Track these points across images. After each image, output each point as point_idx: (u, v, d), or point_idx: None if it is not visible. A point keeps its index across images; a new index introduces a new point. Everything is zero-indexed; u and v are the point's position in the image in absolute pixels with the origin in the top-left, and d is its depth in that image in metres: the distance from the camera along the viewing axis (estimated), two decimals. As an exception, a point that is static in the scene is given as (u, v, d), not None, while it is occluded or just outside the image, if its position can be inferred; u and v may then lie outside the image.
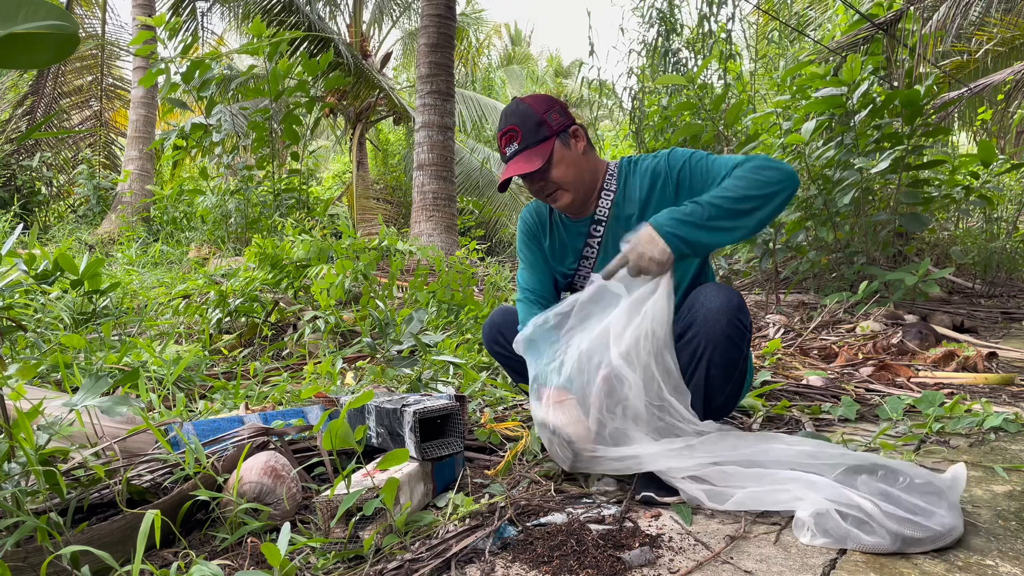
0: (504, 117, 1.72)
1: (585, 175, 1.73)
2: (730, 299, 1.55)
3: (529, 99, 1.72)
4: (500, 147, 1.73)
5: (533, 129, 1.66)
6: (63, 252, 3.07)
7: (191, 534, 1.34)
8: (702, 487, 1.42)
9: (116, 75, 13.13)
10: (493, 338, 1.91)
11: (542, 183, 1.70)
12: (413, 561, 1.19)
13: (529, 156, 1.65)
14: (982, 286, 6.04)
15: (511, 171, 1.66)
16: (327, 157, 18.14)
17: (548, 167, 1.67)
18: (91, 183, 10.69)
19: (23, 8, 0.78)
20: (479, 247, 6.86)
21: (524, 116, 1.67)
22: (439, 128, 6.69)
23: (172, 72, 6.16)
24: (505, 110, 1.73)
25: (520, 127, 1.66)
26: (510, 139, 1.68)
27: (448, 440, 1.58)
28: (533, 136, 1.66)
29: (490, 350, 1.95)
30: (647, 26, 7.72)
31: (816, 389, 2.55)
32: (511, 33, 23.45)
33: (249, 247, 4.45)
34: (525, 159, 1.65)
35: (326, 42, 9.97)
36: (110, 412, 1.17)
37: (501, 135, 1.70)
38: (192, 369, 2.62)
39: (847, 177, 4.72)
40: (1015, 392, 2.60)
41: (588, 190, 1.75)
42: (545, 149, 1.66)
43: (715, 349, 1.52)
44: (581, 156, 1.72)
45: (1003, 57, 7.42)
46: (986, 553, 1.21)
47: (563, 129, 1.69)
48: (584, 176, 1.72)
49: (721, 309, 1.53)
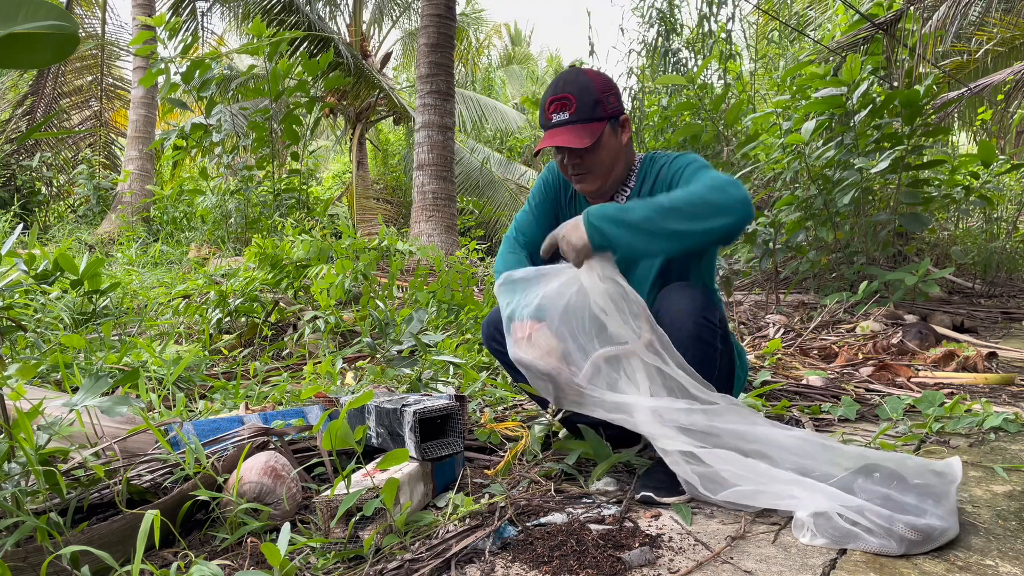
0: (560, 82, 1.63)
1: (619, 167, 1.71)
2: (694, 299, 1.53)
3: (591, 73, 1.65)
4: (546, 111, 1.64)
5: (590, 105, 1.60)
6: (63, 252, 3.07)
7: (191, 534, 1.34)
8: (697, 469, 1.39)
9: (116, 75, 13.14)
10: (491, 335, 1.90)
11: (578, 161, 1.65)
12: (413, 561, 1.19)
13: (579, 131, 1.60)
14: (982, 286, 6.04)
15: (558, 140, 1.59)
16: (327, 157, 18.14)
17: (595, 148, 1.63)
18: (91, 183, 10.69)
19: (23, 8, 0.78)
20: (479, 247, 6.87)
21: (583, 89, 1.61)
22: (439, 128, 6.69)
23: (172, 72, 6.16)
24: (563, 75, 1.65)
25: (576, 98, 1.60)
26: (562, 106, 1.61)
27: (448, 440, 1.58)
28: (588, 112, 1.60)
29: (489, 348, 1.94)
30: (647, 26, 7.73)
31: (816, 389, 2.55)
32: (511, 33, 23.44)
33: (249, 247, 4.45)
34: (575, 133, 1.59)
35: (326, 42, 9.97)
36: (110, 412, 1.17)
37: (553, 99, 1.62)
38: (192, 369, 2.62)
39: (847, 177, 4.72)
40: (1015, 392, 2.60)
41: (615, 182, 1.73)
42: (596, 129, 1.61)
43: (687, 351, 1.50)
44: (622, 147, 1.69)
45: (1003, 57, 7.42)
46: (986, 553, 1.21)
47: (616, 115, 1.65)
48: (618, 168, 1.70)
49: (685, 311, 1.52)
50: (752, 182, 6.15)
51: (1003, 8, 7.41)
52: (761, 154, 5.75)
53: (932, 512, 1.24)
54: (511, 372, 1.95)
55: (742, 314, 4.45)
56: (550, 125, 1.64)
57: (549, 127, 1.64)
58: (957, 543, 1.25)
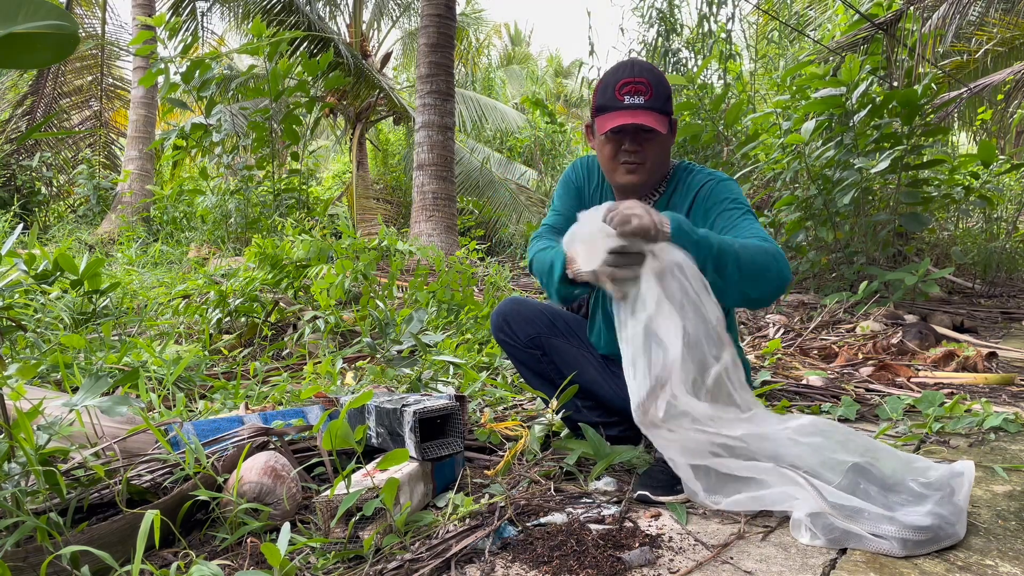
0: (635, 67, 1.61)
1: (664, 166, 1.71)
2: None
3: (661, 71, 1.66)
4: (617, 92, 1.59)
5: (664, 97, 1.61)
6: (63, 252, 3.07)
7: (191, 534, 1.34)
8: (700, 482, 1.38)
9: (116, 75, 13.13)
10: (500, 327, 1.90)
11: (639, 148, 1.62)
12: (413, 561, 1.19)
13: (656, 117, 1.57)
14: (982, 286, 6.04)
15: (640, 119, 1.55)
16: (327, 157, 18.13)
17: (662, 139, 1.63)
18: (91, 183, 10.69)
19: (23, 8, 0.78)
20: (479, 247, 6.86)
21: (660, 81, 1.61)
22: (439, 128, 6.69)
23: (172, 72, 6.16)
24: (634, 62, 1.63)
25: (654, 86, 1.59)
26: (637, 90, 1.58)
27: (448, 440, 1.58)
28: (662, 102, 1.60)
29: (497, 339, 1.93)
30: (647, 26, 7.72)
31: (816, 389, 2.55)
32: (511, 33, 23.44)
33: (249, 247, 4.45)
34: (653, 117, 1.57)
35: (326, 42, 9.97)
36: (110, 412, 1.17)
37: (627, 81, 1.58)
38: (192, 369, 2.62)
39: (847, 177, 4.72)
40: (1015, 392, 2.60)
41: (654, 182, 1.72)
42: (665, 121, 1.61)
43: None
44: (669, 150, 1.71)
45: (1003, 57, 7.43)
46: (986, 553, 1.21)
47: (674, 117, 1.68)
48: (663, 167, 1.71)
49: None
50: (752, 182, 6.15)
51: (1003, 8, 7.41)
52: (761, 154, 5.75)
53: (937, 513, 1.24)
54: (517, 364, 1.94)
55: (742, 314, 4.45)
56: (621, 106, 1.58)
57: (619, 108, 1.59)
58: (957, 543, 1.25)
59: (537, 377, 1.89)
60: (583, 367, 1.81)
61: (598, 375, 1.81)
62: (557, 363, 1.84)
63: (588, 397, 1.84)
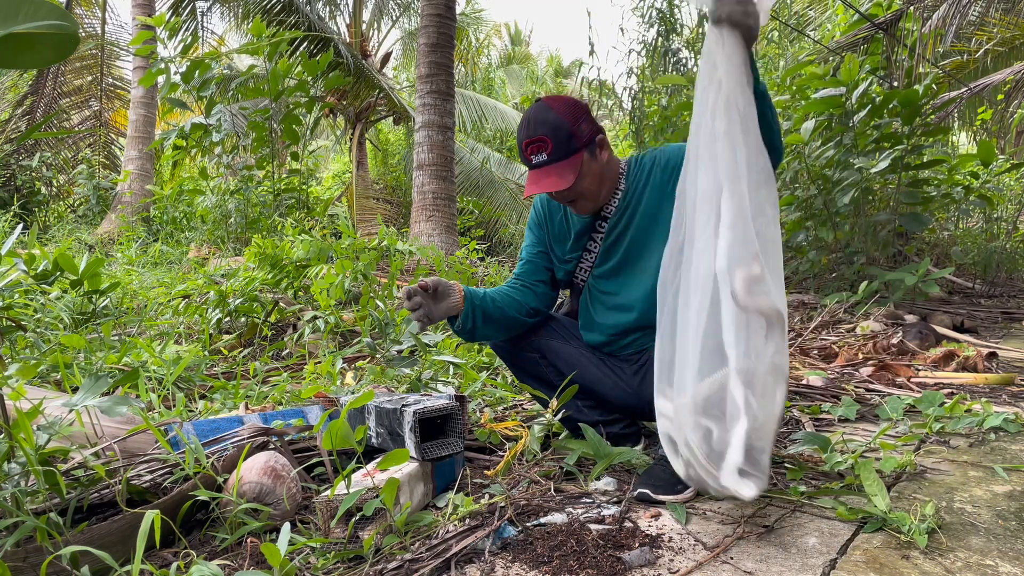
0: (532, 123, 1.65)
1: (606, 184, 1.74)
2: None
3: (557, 106, 1.65)
4: (524, 152, 1.67)
5: (564, 142, 1.62)
6: (63, 252, 3.07)
7: (191, 534, 1.34)
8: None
9: (116, 75, 13.14)
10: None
11: (568, 200, 1.72)
12: (413, 561, 1.19)
13: (561, 170, 1.62)
14: (982, 286, 6.05)
15: (544, 187, 1.62)
16: (327, 157, 18.14)
17: (579, 181, 1.66)
18: (91, 183, 10.69)
19: (23, 8, 0.78)
20: (479, 247, 6.86)
21: (555, 128, 1.62)
22: (439, 128, 6.69)
23: (172, 72, 6.16)
24: (533, 116, 1.65)
25: (551, 139, 1.62)
26: (539, 149, 1.64)
27: (448, 440, 1.58)
28: (564, 150, 1.63)
29: (493, 346, 1.95)
30: (647, 26, 7.71)
31: (816, 389, 2.55)
32: (511, 33, 23.43)
33: (249, 247, 4.45)
34: (557, 173, 1.62)
35: (326, 42, 9.96)
36: (110, 412, 1.17)
37: (529, 142, 1.64)
38: (192, 369, 2.62)
39: (847, 177, 4.72)
40: (1015, 392, 2.60)
41: (606, 195, 1.76)
42: (575, 163, 1.63)
43: None
44: (605, 165, 1.71)
45: (1003, 57, 7.43)
46: (986, 553, 1.21)
47: (591, 140, 1.67)
48: (606, 184, 1.74)
49: None
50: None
51: (1003, 8, 7.41)
52: (761, 154, 5.73)
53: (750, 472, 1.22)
54: (513, 368, 1.94)
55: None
56: (531, 166, 1.67)
57: (531, 167, 1.67)
58: (957, 543, 1.25)
59: (534, 380, 1.89)
60: (584, 366, 1.82)
61: (599, 372, 1.82)
62: (557, 365, 1.84)
63: (588, 396, 1.84)
